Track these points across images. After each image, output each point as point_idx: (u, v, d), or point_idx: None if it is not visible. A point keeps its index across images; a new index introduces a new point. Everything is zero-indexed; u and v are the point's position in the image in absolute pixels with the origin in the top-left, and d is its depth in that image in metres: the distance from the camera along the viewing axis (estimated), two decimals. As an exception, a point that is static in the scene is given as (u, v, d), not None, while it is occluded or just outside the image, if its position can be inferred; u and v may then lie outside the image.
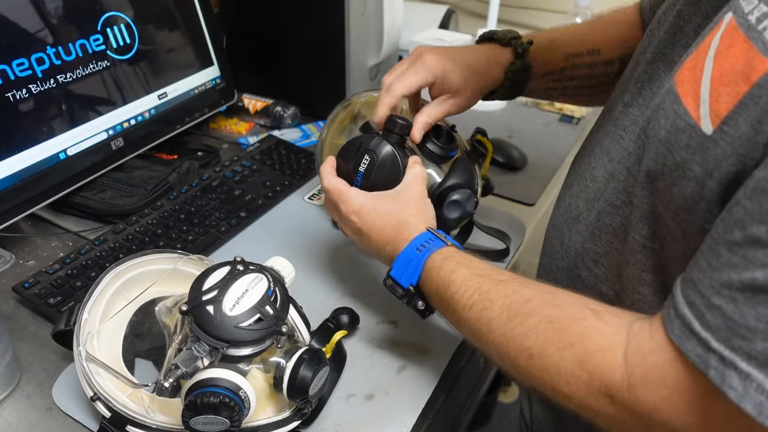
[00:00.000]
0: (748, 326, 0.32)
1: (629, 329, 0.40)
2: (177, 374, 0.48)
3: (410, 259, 0.54)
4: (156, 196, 0.85)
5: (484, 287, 0.49)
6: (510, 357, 0.46)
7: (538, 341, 0.43)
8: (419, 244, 0.55)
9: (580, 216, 0.54)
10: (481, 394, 0.90)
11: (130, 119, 0.87)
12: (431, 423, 0.59)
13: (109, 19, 0.82)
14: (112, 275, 0.59)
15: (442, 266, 0.52)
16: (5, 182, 0.72)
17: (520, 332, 0.45)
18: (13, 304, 0.70)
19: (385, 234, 0.57)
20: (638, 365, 0.38)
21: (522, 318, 0.45)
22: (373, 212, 0.59)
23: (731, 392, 0.32)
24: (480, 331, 0.48)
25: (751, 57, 0.34)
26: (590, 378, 0.40)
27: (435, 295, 0.53)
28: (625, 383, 0.38)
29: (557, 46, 0.72)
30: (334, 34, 1.00)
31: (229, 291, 0.50)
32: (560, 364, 0.42)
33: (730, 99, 0.35)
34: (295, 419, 0.54)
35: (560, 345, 0.42)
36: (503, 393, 1.45)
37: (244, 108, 1.09)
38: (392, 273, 0.56)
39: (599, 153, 0.53)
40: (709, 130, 0.36)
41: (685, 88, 0.39)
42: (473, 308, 0.49)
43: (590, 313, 0.42)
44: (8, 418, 0.58)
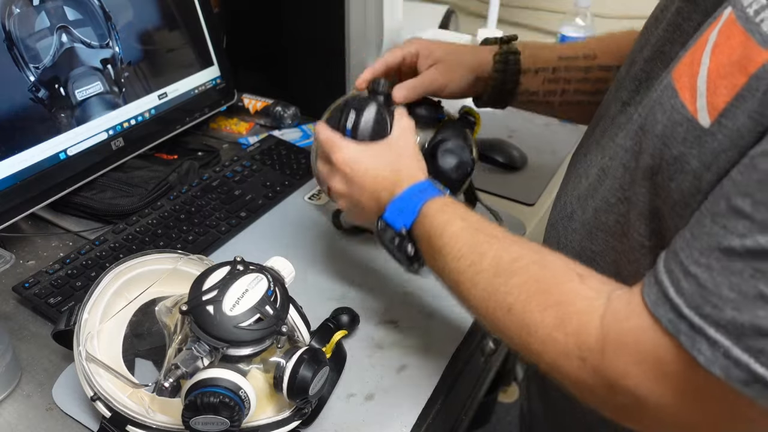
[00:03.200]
0: (720, 295, 0.32)
1: (610, 295, 0.40)
2: (177, 374, 0.48)
3: (407, 203, 0.54)
4: (156, 196, 0.85)
5: (476, 240, 0.49)
6: (489, 310, 0.46)
7: (520, 298, 0.44)
8: (419, 188, 0.55)
9: (574, 214, 0.54)
10: (481, 394, 0.90)
11: (130, 119, 0.87)
12: (431, 423, 0.59)
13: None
14: (112, 275, 0.59)
15: (439, 213, 0.52)
16: (5, 182, 0.72)
17: (504, 289, 0.45)
18: (13, 304, 0.70)
19: (379, 182, 0.57)
20: (613, 330, 0.38)
21: (509, 275, 0.45)
22: (368, 160, 0.58)
23: (701, 357, 0.33)
24: (464, 283, 0.49)
25: (748, 49, 0.34)
26: (565, 339, 0.40)
27: (426, 241, 0.53)
28: (599, 346, 0.38)
29: (549, 48, 0.74)
30: (334, 34, 0.99)
31: (229, 291, 0.50)
32: (539, 323, 0.42)
33: (728, 91, 0.35)
34: (295, 419, 0.54)
35: (542, 304, 0.42)
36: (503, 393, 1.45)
37: (244, 108, 1.09)
38: (385, 216, 0.55)
39: (595, 151, 0.53)
40: (706, 123, 0.36)
41: (683, 82, 0.39)
42: (462, 260, 0.49)
43: (576, 276, 0.43)
44: (8, 418, 0.58)
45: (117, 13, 0.83)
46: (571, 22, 1.14)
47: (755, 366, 0.31)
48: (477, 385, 0.84)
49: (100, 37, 0.81)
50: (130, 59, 0.86)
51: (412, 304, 0.71)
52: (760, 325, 0.30)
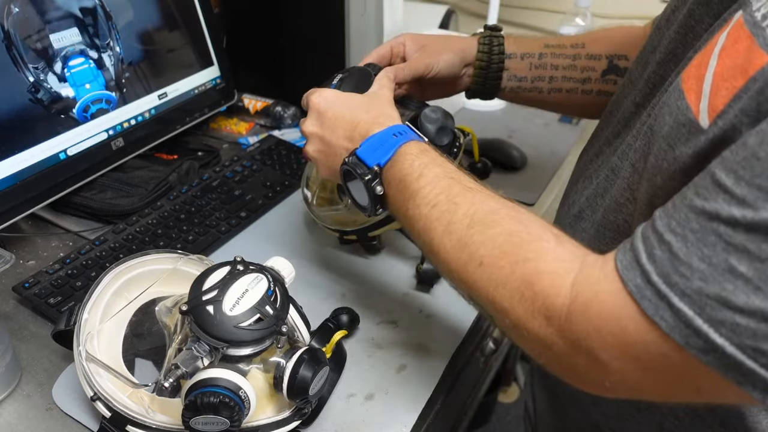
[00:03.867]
0: (689, 264, 0.32)
1: (584, 259, 0.40)
2: (177, 374, 0.48)
3: (384, 141, 0.52)
4: (156, 196, 0.85)
5: (453, 190, 0.48)
6: (460, 261, 0.45)
7: (493, 251, 0.43)
8: (397, 130, 0.53)
9: (583, 213, 0.54)
10: (481, 394, 0.90)
11: (130, 119, 0.87)
12: (431, 423, 0.59)
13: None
14: (112, 275, 0.59)
15: (416, 157, 0.51)
16: (5, 182, 0.72)
17: (477, 239, 0.44)
18: (13, 304, 0.70)
19: (355, 120, 0.55)
20: (582, 292, 0.38)
21: (483, 227, 0.45)
22: (344, 100, 0.58)
23: (663, 323, 0.33)
24: (435, 230, 0.47)
25: (751, 52, 0.34)
26: (533, 297, 0.40)
27: (400, 182, 0.51)
28: (565, 308, 0.38)
29: (535, 38, 0.74)
30: (334, 34, 0.99)
31: (229, 291, 0.50)
32: (509, 278, 0.42)
33: (727, 93, 0.35)
34: (295, 419, 0.54)
35: (513, 259, 0.42)
36: (503, 393, 1.45)
37: (244, 108, 1.09)
38: (359, 151, 0.53)
39: (606, 152, 0.53)
40: (705, 125, 0.37)
41: (690, 84, 0.39)
42: (436, 207, 0.48)
43: (552, 237, 0.42)
44: (8, 418, 0.58)
45: (117, 13, 0.83)
46: (571, 22, 1.14)
47: (714, 336, 0.31)
48: (477, 385, 0.84)
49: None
50: (130, 59, 0.86)
51: (412, 304, 0.71)
52: (726, 298, 0.31)
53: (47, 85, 0.75)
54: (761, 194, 0.30)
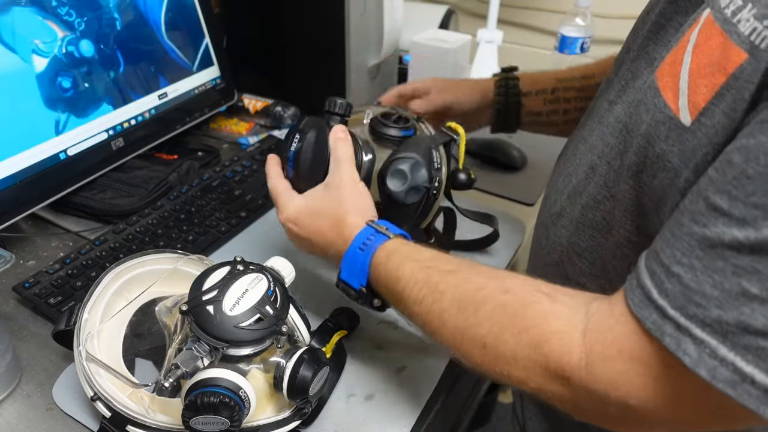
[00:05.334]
0: (703, 293, 0.32)
1: (587, 309, 0.40)
2: (177, 374, 0.48)
3: (355, 260, 0.53)
4: (156, 196, 0.85)
5: (432, 279, 0.48)
6: (464, 347, 0.45)
7: (492, 330, 0.43)
8: (361, 243, 0.53)
9: (563, 211, 0.55)
10: (481, 394, 0.90)
11: (130, 119, 0.87)
12: (431, 423, 0.59)
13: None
14: (112, 275, 0.59)
15: (388, 262, 0.51)
16: (5, 182, 0.72)
17: (473, 322, 0.44)
18: (13, 304, 0.70)
19: (326, 236, 0.56)
20: (597, 342, 0.38)
21: (474, 307, 0.44)
22: (309, 216, 0.57)
23: (686, 358, 0.32)
24: (432, 324, 0.48)
25: (727, 49, 0.35)
26: (546, 361, 0.40)
27: (386, 291, 0.52)
28: (583, 362, 0.38)
29: (547, 72, 0.79)
30: (334, 34, 0.99)
31: (229, 291, 0.50)
32: (516, 350, 0.41)
33: (708, 90, 0.36)
34: (295, 419, 0.54)
35: (515, 330, 0.41)
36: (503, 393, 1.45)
37: (244, 108, 1.09)
38: (342, 276, 0.55)
39: (583, 150, 0.54)
40: (687, 122, 0.37)
41: (665, 82, 0.39)
42: (424, 302, 0.48)
43: (543, 297, 0.42)
44: (8, 418, 0.58)
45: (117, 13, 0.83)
46: (571, 22, 1.14)
47: (741, 364, 0.31)
48: (477, 385, 0.84)
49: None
50: (131, 59, 0.86)
51: (412, 304, 0.70)
52: (746, 322, 0.30)
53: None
54: (759, 212, 0.30)
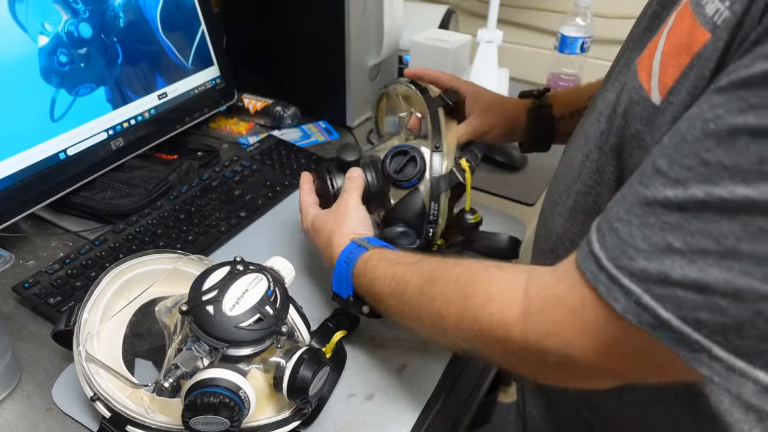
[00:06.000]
0: (635, 246, 0.34)
1: (530, 273, 0.43)
2: (177, 374, 0.48)
3: (341, 273, 0.58)
4: (156, 196, 0.85)
5: (398, 272, 0.52)
6: (426, 323, 0.49)
7: (446, 300, 0.46)
8: (345, 257, 0.58)
9: (559, 199, 0.56)
10: (481, 394, 0.90)
11: (130, 119, 0.87)
12: (431, 423, 0.59)
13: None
14: (112, 275, 0.59)
15: (365, 269, 0.56)
16: (5, 182, 0.72)
17: (430, 298, 0.48)
18: (13, 304, 0.70)
19: (325, 251, 0.62)
20: (536, 296, 0.40)
21: (431, 285, 0.49)
22: (315, 232, 0.65)
23: (616, 305, 0.34)
24: (404, 312, 0.52)
25: (693, 30, 0.36)
26: (491, 319, 0.42)
27: (368, 296, 0.57)
28: (522, 315, 0.40)
29: (579, 91, 0.77)
30: (334, 34, 0.99)
31: (229, 291, 0.50)
32: (464, 314, 0.44)
33: (675, 71, 0.37)
34: (295, 419, 0.54)
35: (464, 296, 0.45)
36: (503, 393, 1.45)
37: (244, 108, 1.09)
38: (334, 288, 0.60)
39: (579, 138, 0.55)
40: (657, 101, 0.39)
41: (643, 64, 0.41)
42: (393, 293, 0.52)
43: (493, 267, 0.46)
44: (8, 418, 0.58)
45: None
46: (571, 22, 1.14)
47: (661, 311, 0.32)
48: (477, 385, 0.84)
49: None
50: (131, 57, 0.86)
51: (412, 304, 0.70)
52: (666, 273, 0.32)
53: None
54: (690, 173, 0.32)
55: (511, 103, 0.77)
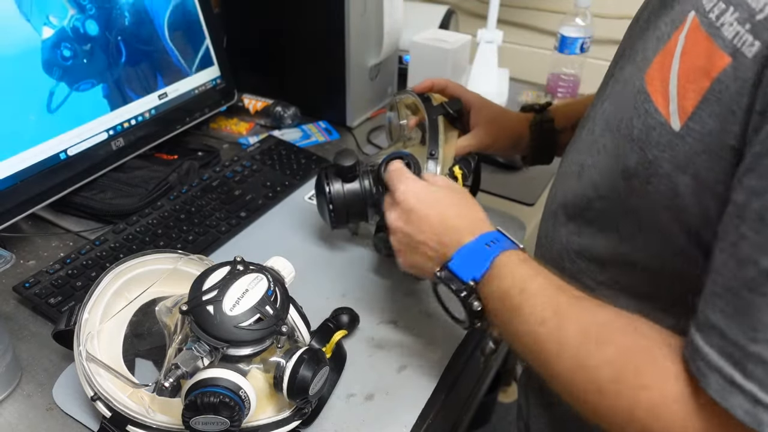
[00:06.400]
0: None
1: (688, 380, 0.37)
2: (177, 374, 0.48)
3: (478, 253, 0.49)
4: (156, 196, 0.85)
5: (560, 301, 0.44)
6: (578, 387, 0.42)
7: (611, 375, 0.39)
8: (490, 240, 0.50)
9: (560, 209, 0.55)
10: (481, 394, 0.90)
11: (130, 119, 0.87)
12: (431, 423, 0.59)
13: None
14: (113, 275, 0.59)
15: (516, 268, 0.48)
16: (5, 182, 0.72)
17: (593, 363, 0.41)
18: (13, 304, 0.70)
19: (446, 218, 0.53)
20: (694, 426, 0.36)
21: (597, 345, 0.41)
22: (435, 196, 0.56)
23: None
24: (548, 351, 0.43)
25: (711, 53, 0.35)
26: (664, 428, 0.37)
27: (500, 297, 0.47)
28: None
29: (581, 103, 0.76)
30: (334, 34, 1.00)
31: (229, 291, 0.50)
32: (634, 408, 0.38)
33: (695, 95, 0.36)
34: (295, 419, 0.54)
35: (635, 384, 0.38)
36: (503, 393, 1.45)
37: (244, 108, 1.09)
38: (451, 264, 0.50)
39: (577, 148, 0.55)
40: (677, 127, 0.37)
41: (655, 86, 0.40)
42: (544, 324, 0.44)
43: (665, 345, 0.39)
44: (8, 418, 0.58)
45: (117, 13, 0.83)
46: (571, 22, 1.14)
47: None
48: (477, 385, 0.84)
49: None
50: (132, 56, 0.86)
51: (412, 304, 0.71)
52: None
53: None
54: None
55: (514, 117, 0.77)
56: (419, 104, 0.72)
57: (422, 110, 0.71)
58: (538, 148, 0.76)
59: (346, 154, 0.68)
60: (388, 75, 1.16)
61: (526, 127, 0.76)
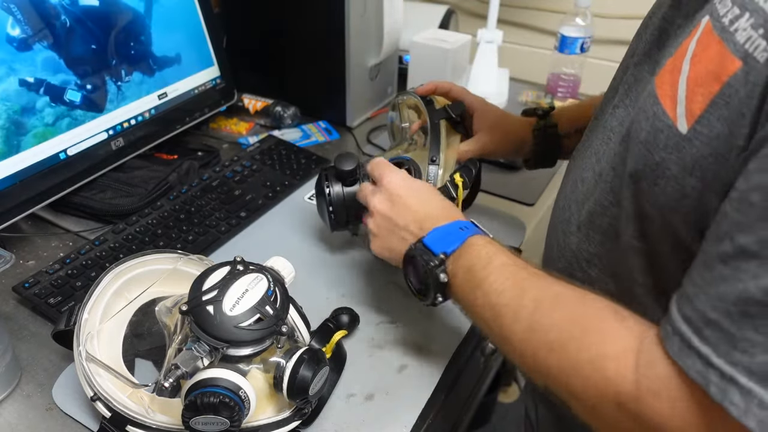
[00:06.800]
0: (747, 339, 0.31)
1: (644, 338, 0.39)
2: (177, 374, 0.48)
3: (452, 232, 0.54)
4: (156, 196, 0.85)
5: (519, 275, 0.49)
6: (530, 348, 0.45)
7: (561, 336, 0.43)
8: (464, 225, 0.55)
9: (572, 217, 0.55)
10: (481, 394, 0.90)
11: (130, 119, 0.87)
12: (431, 423, 0.59)
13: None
14: (112, 275, 0.59)
15: (484, 247, 0.52)
16: (5, 182, 0.72)
17: (545, 324, 0.44)
18: (13, 304, 0.70)
19: (428, 206, 0.58)
20: (646, 376, 0.38)
21: (549, 311, 0.45)
22: (420, 186, 0.61)
23: (733, 408, 0.31)
24: (505, 317, 0.47)
25: (722, 57, 0.35)
26: (605, 383, 0.40)
27: (466, 272, 0.52)
28: (634, 393, 0.38)
29: (584, 106, 0.77)
30: (334, 34, 1.00)
31: (229, 291, 0.50)
32: (577, 365, 0.41)
33: (703, 99, 0.36)
34: (295, 419, 0.54)
35: (581, 344, 0.42)
36: (503, 393, 1.45)
37: (244, 108, 1.09)
38: (426, 239, 0.55)
39: (590, 155, 0.54)
40: (684, 130, 0.37)
41: (664, 90, 0.40)
42: (504, 293, 0.48)
43: (612, 314, 0.42)
44: (8, 418, 0.58)
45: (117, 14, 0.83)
46: (571, 22, 1.14)
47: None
48: (477, 385, 0.84)
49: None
50: (131, 59, 0.86)
51: (412, 304, 0.70)
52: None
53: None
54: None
55: (517, 122, 0.77)
56: (421, 107, 0.72)
57: (424, 113, 0.71)
58: (542, 153, 0.76)
59: (346, 157, 0.68)
60: (388, 75, 1.16)
61: (529, 132, 0.75)
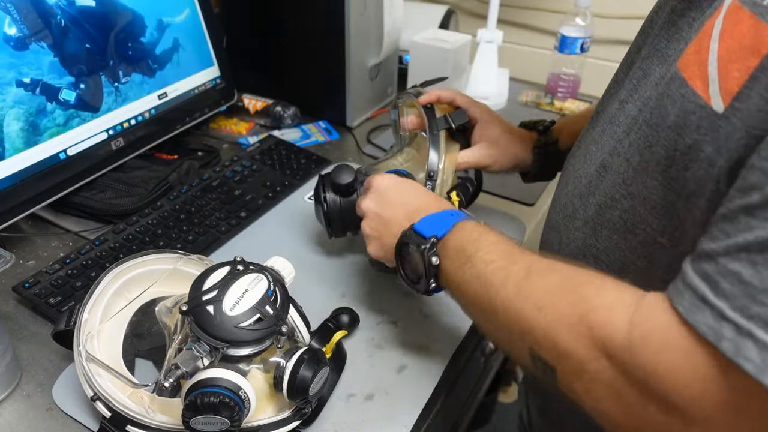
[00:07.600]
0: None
1: (640, 296, 0.39)
2: (177, 374, 0.48)
3: (442, 218, 0.55)
4: (156, 196, 0.85)
5: (509, 250, 0.49)
6: (516, 309, 0.44)
7: (552, 295, 0.42)
8: (452, 212, 0.56)
9: (576, 212, 0.54)
10: (481, 394, 0.90)
11: (130, 119, 0.87)
12: (431, 423, 0.59)
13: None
14: (113, 275, 0.59)
15: (474, 228, 0.53)
16: (5, 182, 0.72)
17: (536, 287, 0.44)
18: (13, 304, 0.70)
19: (416, 197, 0.59)
20: (641, 324, 0.36)
21: (541, 275, 0.44)
22: (406, 181, 0.62)
23: (748, 365, 0.30)
24: (491, 285, 0.47)
25: (759, 31, 0.34)
26: (591, 333, 0.38)
27: (455, 252, 0.52)
28: (626, 342, 0.36)
29: (585, 117, 0.75)
30: (334, 34, 1.00)
31: (229, 291, 0.50)
32: (567, 317, 0.40)
33: (741, 74, 0.35)
34: (295, 419, 0.54)
35: (572, 299, 0.41)
36: (503, 393, 1.45)
37: (244, 108, 1.09)
38: (416, 225, 0.55)
39: (594, 150, 0.54)
40: (720, 109, 0.36)
41: (692, 71, 0.39)
42: (493, 263, 0.48)
43: (609, 280, 0.42)
44: (8, 418, 0.58)
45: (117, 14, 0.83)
46: (571, 22, 1.14)
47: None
48: (477, 385, 0.84)
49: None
50: (130, 59, 0.86)
51: (412, 304, 0.71)
52: None
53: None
54: None
55: (517, 138, 0.75)
56: (422, 114, 0.71)
57: (425, 121, 0.70)
58: (541, 169, 0.76)
59: (343, 170, 0.68)
60: (388, 75, 1.16)
61: (529, 149, 0.75)
